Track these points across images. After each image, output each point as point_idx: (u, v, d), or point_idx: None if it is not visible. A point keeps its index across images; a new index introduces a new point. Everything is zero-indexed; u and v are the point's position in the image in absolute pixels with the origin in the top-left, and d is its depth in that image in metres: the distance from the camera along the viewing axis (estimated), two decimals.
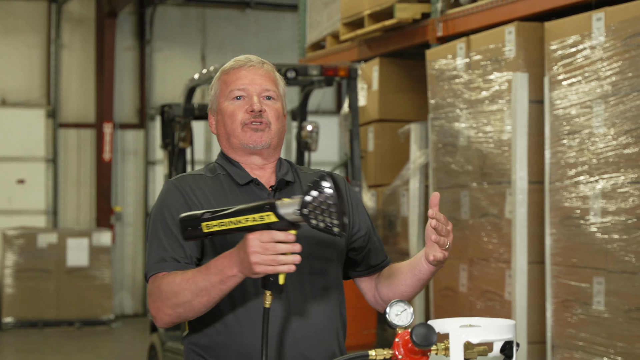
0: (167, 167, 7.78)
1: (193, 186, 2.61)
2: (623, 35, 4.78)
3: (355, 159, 6.83)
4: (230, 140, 2.66)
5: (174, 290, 2.43)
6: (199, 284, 2.39)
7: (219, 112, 2.69)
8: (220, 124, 2.68)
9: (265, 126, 2.62)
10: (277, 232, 2.26)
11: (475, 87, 5.89)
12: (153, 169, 13.80)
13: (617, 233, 4.79)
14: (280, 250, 2.26)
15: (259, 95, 2.64)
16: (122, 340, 11.72)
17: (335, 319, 2.63)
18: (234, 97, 2.65)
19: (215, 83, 2.71)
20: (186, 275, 2.43)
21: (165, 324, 2.51)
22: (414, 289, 2.66)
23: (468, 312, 5.84)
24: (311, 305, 2.58)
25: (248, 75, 2.65)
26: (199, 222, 2.31)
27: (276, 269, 2.27)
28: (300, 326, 2.56)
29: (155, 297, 2.48)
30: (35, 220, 13.24)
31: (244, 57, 2.69)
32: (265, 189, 2.63)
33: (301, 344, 2.55)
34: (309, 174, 2.74)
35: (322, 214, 2.18)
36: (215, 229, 2.30)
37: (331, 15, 8.01)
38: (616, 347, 4.78)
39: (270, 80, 2.67)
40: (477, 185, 5.88)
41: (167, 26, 13.92)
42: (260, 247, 2.26)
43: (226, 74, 2.69)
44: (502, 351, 2.19)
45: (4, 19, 13.25)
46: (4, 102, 13.27)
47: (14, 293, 12.13)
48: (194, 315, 2.47)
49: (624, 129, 4.78)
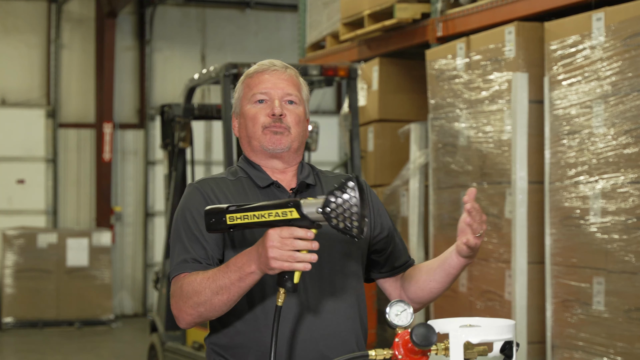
0: (167, 167, 7.78)
1: (215, 189, 2.64)
2: (623, 35, 4.78)
3: (355, 159, 6.83)
4: (251, 143, 2.68)
5: (195, 289, 2.47)
6: (218, 282, 2.43)
7: (242, 115, 2.71)
8: (242, 127, 2.71)
9: (285, 130, 2.65)
10: (297, 229, 2.28)
11: (475, 87, 5.89)
12: (153, 169, 13.80)
13: (617, 233, 4.79)
14: (298, 247, 2.28)
15: (280, 99, 2.66)
16: (122, 341, 11.72)
17: (355, 319, 2.64)
18: (256, 101, 2.67)
19: (239, 87, 2.74)
20: (207, 274, 2.47)
21: (187, 324, 2.55)
22: (443, 284, 2.67)
23: (468, 312, 5.84)
24: (331, 305, 2.60)
25: (271, 79, 2.68)
26: (223, 214, 2.34)
27: (292, 266, 2.29)
28: (319, 325, 2.57)
29: (177, 297, 2.52)
30: (35, 220, 13.24)
31: (268, 62, 2.72)
32: (286, 192, 2.66)
33: (320, 344, 2.56)
34: (330, 177, 2.77)
35: (343, 214, 2.21)
36: (238, 222, 2.33)
37: (331, 15, 8.02)
38: (616, 347, 4.78)
39: (293, 85, 2.69)
40: (477, 185, 5.87)
41: (167, 26, 13.92)
42: (279, 241, 2.28)
43: (250, 77, 2.71)
44: (502, 351, 2.19)
45: (4, 19, 13.25)
46: (4, 102, 13.26)
47: (14, 293, 12.13)
48: (214, 315, 2.50)
49: (624, 129, 4.78)
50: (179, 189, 7.51)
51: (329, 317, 2.59)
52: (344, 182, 2.22)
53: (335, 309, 2.60)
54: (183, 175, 7.56)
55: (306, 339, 2.55)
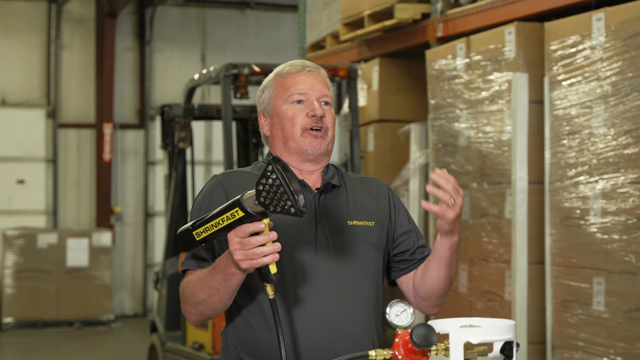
0: (167, 168, 7.78)
1: (239, 182, 2.65)
2: (623, 35, 4.78)
3: (355, 159, 6.83)
4: (288, 144, 2.67)
5: (192, 290, 2.52)
6: (208, 283, 2.46)
7: (275, 115, 2.69)
8: (277, 127, 2.69)
9: (324, 132, 2.65)
10: (248, 225, 2.29)
11: (475, 87, 5.89)
12: (153, 169, 13.80)
13: (617, 233, 4.79)
14: (257, 243, 2.30)
15: (318, 99, 2.67)
16: (122, 341, 11.72)
17: (370, 320, 2.64)
18: (294, 101, 2.67)
19: (269, 86, 2.72)
20: (200, 274, 2.50)
21: (194, 322, 2.61)
22: (438, 272, 2.62)
23: (468, 312, 5.84)
24: (351, 307, 2.60)
25: (307, 80, 2.68)
26: (190, 233, 2.38)
27: (260, 262, 2.31)
28: (337, 328, 2.57)
29: (181, 297, 2.58)
30: (35, 220, 13.24)
31: (300, 62, 2.72)
32: (311, 191, 2.66)
33: (336, 346, 2.56)
34: (354, 179, 2.77)
35: (275, 198, 2.24)
36: (204, 235, 2.36)
37: (331, 15, 8.01)
38: (616, 348, 4.78)
39: (327, 86, 2.71)
40: (477, 185, 5.88)
41: (167, 26, 13.92)
42: (239, 243, 2.31)
43: (282, 77, 2.70)
44: (502, 351, 2.19)
45: (4, 19, 13.25)
46: (4, 103, 13.27)
47: (14, 293, 12.13)
48: (216, 313, 2.54)
49: (624, 129, 4.78)
50: (179, 190, 7.51)
51: (345, 318, 2.59)
52: (265, 167, 2.25)
53: (351, 310, 2.60)
54: (183, 175, 7.56)
55: (322, 340, 2.55)
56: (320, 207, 2.65)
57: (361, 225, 2.66)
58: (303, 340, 2.54)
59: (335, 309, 2.58)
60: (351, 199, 2.70)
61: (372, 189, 2.76)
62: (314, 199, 2.65)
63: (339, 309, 2.58)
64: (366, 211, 2.70)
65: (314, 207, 2.64)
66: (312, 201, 2.64)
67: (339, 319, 2.57)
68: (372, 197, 2.74)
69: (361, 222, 2.67)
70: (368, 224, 2.68)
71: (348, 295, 2.60)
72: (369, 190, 2.75)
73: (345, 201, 2.69)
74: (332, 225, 2.63)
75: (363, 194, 2.73)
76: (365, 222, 2.67)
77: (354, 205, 2.69)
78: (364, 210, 2.69)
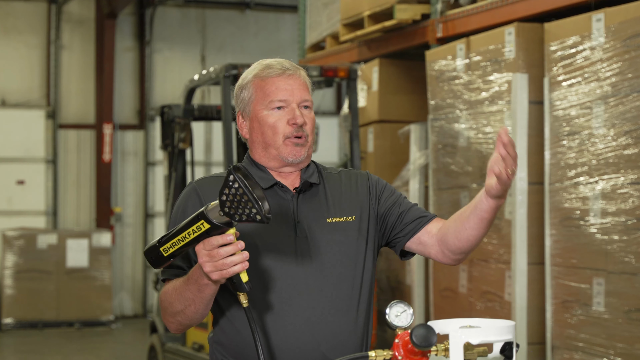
0: (166, 168, 7.78)
1: (215, 188, 2.61)
2: (623, 36, 4.78)
3: (355, 159, 6.83)
4: (268, 150, 2.66)
5: (169, 300, 2.52)
6: (183, 294, 2.46)
7: (255, 119, 2.67)
8: (257, 132, 2.67)
9: (305, 140, 2.64)
10: (215, 238, 2.28)
11: (475, 88, 5.89)
12: (153, 169, 13.80)
13: (617, 234, 4.79)
14: (226, 254, 2.29)
15: (298, 105, 2.64)
16: (121, 341, 11.72)
17: (359, 321, 2.63)
18: (275, 107, 2.64)
19: (248, 87, 2.68)
20: (176, 284, 2.50)
21: (174, 331, 2.61)
22: (478, 231, 2.60)
23: (468, 313, 5.84)
24: (335, 306, 2.59)
25: (287, 86, 2.64)
26: (157, 249, 2.36)
27: (230, 271, 2.30)
28: (322, 328, 2.57)
29: (160, 306, 2.59)
30: (35, 221, 13.25)
31: (279, 65, 2.66)
32: (289, 191, 2.65)
33: (322, 346, 2.56)
34: (333, 174, 2.75)
35: (239, 207, 2.22)
36: (172, 251, 2.35)
37: (331, 16, 8.02)
38: (616, 348, 4.78)
39: (306, 89, 2.68)
40: (477, 186, 5.88)
41: (167, 27, 13.92)
42: (207, 255, 2.30)
43: (262, 80, 2.66)
44: (502, 352, 2.19)
45: (4, 19, 13.25)
46: (4, 103, 13.27)
47: (14, 294, 12.13)
48: (194, 322, 2.54)
49: (624, 129, 4.78)
50: (178, 190, 7.51)
51: (333, 319, 2.58)
52: (226, 176, 2.22)
53: (339, 311, 2.59)
54: (183, 176, 7.56)
55: (309, 341, 2.55)
56: (299, 206, 2.63)
57: (341, 222, 2.65)
58: (288, 341, 2.54)
59: (319, 308, 2.57)
60: (330, 195, 2.68)
61: (351, 181, 2.75)
62: (293, 199, 2.64)
63: (323, 309, 2.57)
64: (346, 206, 2.68)
65: (292, 208, 2.63)
66: (290, 201, 2.63)
67: (323, 318, 2.57)
68: (351, 189, 2.72)
69: (341, 218, 2.66)
70: (348, 219, 2.66)
71: (331, 294, 2.59)
72: (349, 182, 2.74)
73: (324, 198, 2.67)
74: (312, 225, 2.62)
75: (343, 187, 2.72)
76: (345, 218, 2.66)
77: (333, 202, 2.68)
78: (344, 206, 2.68)
